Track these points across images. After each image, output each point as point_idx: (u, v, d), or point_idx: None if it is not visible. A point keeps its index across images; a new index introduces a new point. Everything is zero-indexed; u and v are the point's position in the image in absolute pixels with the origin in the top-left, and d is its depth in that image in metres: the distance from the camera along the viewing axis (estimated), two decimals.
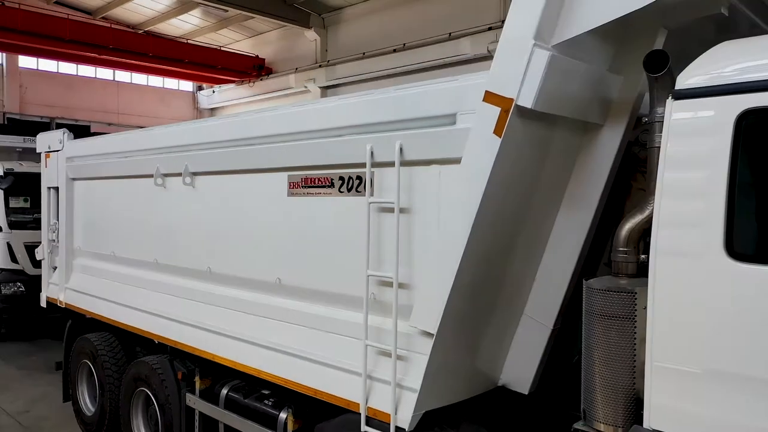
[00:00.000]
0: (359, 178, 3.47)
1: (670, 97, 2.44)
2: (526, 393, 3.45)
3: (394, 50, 17.90)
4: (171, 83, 24.19)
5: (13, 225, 9.39)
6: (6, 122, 20.36)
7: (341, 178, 3.59)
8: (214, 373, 4.68)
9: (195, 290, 4.73)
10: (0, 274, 9.37)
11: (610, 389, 2.76)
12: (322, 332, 3.73)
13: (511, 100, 2.71)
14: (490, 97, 2.79)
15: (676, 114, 2.40)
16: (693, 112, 2.36)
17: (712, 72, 2.35)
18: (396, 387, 3.21)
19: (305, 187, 3.81)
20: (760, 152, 2.27)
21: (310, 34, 20.17)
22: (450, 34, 16.96)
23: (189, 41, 21.56)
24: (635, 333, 2.65)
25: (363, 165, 3.37)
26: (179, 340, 4.77)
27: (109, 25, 19.89)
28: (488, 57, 16.19)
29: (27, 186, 9.38)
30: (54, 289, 6.69)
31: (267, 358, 4.01)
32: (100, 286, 5.96)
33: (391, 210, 3.26)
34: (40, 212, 9.25)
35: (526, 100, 2.67)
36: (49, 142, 6.67)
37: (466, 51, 16.66)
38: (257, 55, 21.79)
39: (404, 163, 3.22)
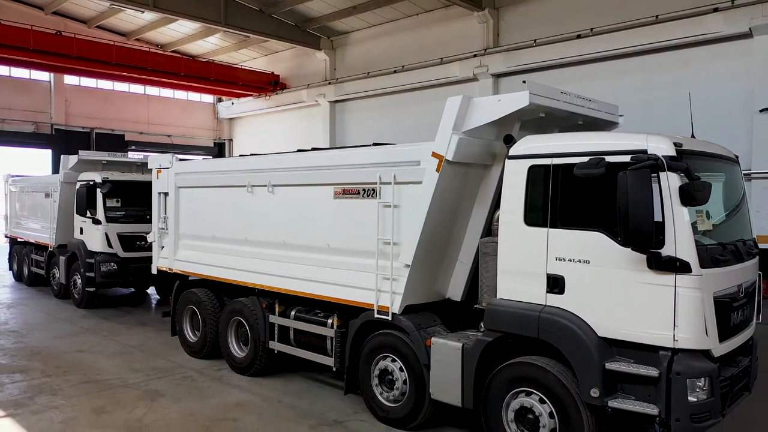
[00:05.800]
0: (373, 190, 7.02)
1: (506, 158, 6.00)
2: (459, 300, 7.00)
3: (394, 71, 21.01)
4: (194, 96, 27.48)
5: (108, 219, 12.98)
6: (54, 132, 23.89)
7: (364, 189, 7.14)
8: (286, 302, 8.25)
9: (274, 254, 8.29)
10: (99, 256, 12.95)
11: (481, 288, 6.31)
12: (353, 271, 7.28)
13: (443, 155, 6.27)
14: (434, 153, 6.36)
15: (507, 166, 5.97)
16: (513, 165, 5.91)
17: (519, 149, 5.91)
18: (392, 294, 6.76)
19: (344, 194, 7.36)
20: (536, 185, 5.78)
21: (320, 55, 23.24)
22: (442, 59, 19.95)
23: (212, 60, 24.85)
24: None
25: (375, 183, 6.93)
26: (264, 283, 8.34)
27: (147, 48, 23.29)
28: (473, 79, 19.47)
29: (119, 190, 13.02)
30: (163, 262, 10.25)
31: (321, 287, 7.57)
32: (201, 257, 9.52)
33: (390, 206, 6.81)
34: (129, 210, 12.98)
35: (450, 156, 6.23)
36: (160, 162, 10.21)
37: (455, 73, 19.69)
38: (273, 72, 25.02)
39: (396, 183, 6.77)
